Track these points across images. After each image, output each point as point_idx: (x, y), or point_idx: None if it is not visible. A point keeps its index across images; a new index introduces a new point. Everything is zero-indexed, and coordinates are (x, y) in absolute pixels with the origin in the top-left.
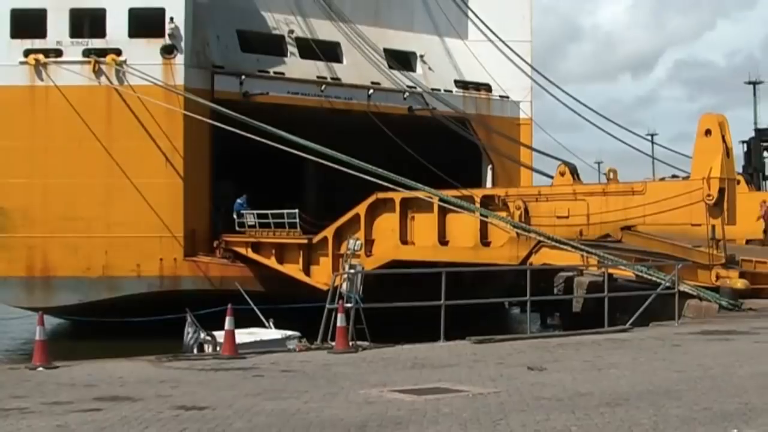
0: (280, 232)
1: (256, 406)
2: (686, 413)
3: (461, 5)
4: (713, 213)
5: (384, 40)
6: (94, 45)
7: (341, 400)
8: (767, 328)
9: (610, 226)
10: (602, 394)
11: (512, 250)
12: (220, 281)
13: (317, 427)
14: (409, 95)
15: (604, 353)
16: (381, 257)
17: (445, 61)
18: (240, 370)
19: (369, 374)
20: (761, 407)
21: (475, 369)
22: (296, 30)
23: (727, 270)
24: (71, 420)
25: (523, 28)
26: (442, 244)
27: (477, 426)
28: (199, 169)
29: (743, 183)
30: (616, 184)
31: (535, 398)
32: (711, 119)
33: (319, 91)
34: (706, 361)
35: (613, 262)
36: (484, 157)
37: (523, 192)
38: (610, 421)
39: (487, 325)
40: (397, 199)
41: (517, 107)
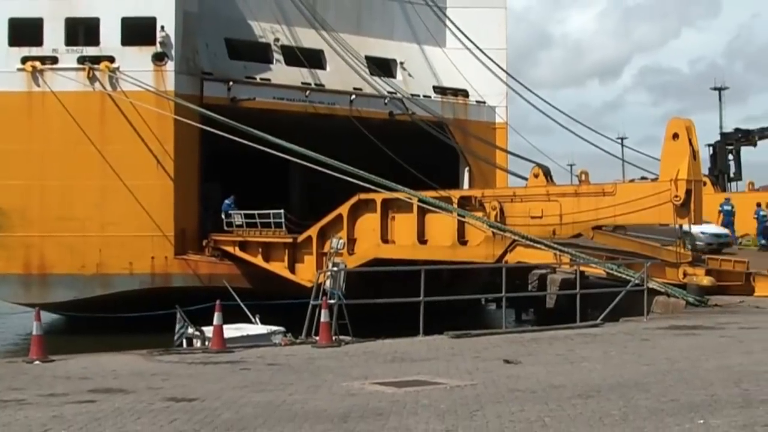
0: (266, 231)
1: (243, 397)
2: (654, 404)
3: (439, 14)
4: (680, 213)
5: (365, 48)
6: (89, 52)
7: (325, 392)
8: (732, 323)
9: (582, 226)
10: (574, 386)
11: (488, 249)
12: (208, 278)
13: (302, 418)
14: (389, 101)
15: (576, 347)
16: (363, 255)
17: (424, 67)
18: (228, 363)
19: (351, 367)
20: (726, 399)
21: (453, 362)
22: (281, 38)
23: (694, 268)
24: (66, 411)
25: (498, 36)
26: (422, 243)
27: (454, 417)
28: (189, 171)
29: (709, 185)
30: (587, 186)
31: (510, 390)
32: (678, 123)
33: (303, 97)
34: (674, 354)
35: (584, 260)
36: (461, 159)
37: (499, 193)
38: (582, 412)
39: (464, 320)
40: (379, 199)
41: (493, 112)
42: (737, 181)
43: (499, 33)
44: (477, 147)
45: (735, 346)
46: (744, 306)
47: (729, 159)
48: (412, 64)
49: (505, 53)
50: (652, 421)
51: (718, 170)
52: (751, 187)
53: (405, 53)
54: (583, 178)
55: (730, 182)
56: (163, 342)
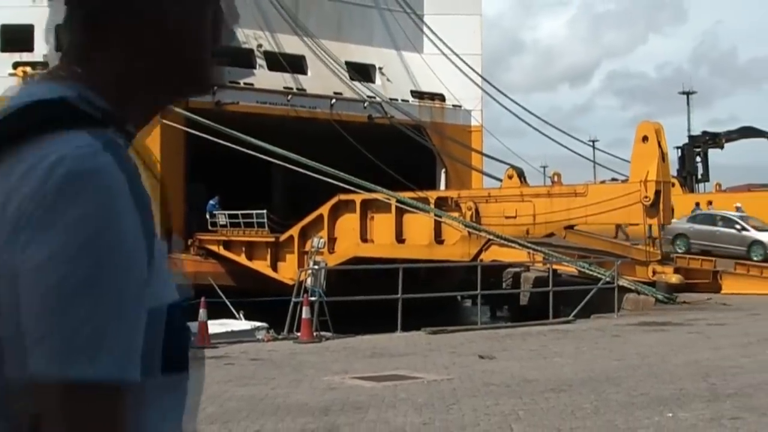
0: (250, 231)
1: (227, 391)
2: (625, 398)
3: (417, 21)
4: (650, 213)
5: (346, 54)
6: None
7: (306, 386)
8: (700, 319)
9: (554, 226)
10: (547, 380)
11: (464, 248)
12: (194, 276)
13: (284, 411)
14: (368, 104)
15: (549, 343)
16: (343, 254)
17: (402, 72)
18: (212, 358)
19: (332, 362)
20: (694, 393)
21: (430, 357)
22: (264, 44)
23: (663, 266)
24: None
25: (473, 42)
26: (399, 242)
27: (431, 410)
28: (175, 173)
29: (678, 186)
30: (560, 187)
31: (485, 384)
32: (648, 127)
33: (285, 101)
34: (643, 350)
35: (557, 259)
36: (438, 161)
37: (474, 194)
38: (554, 405)
39: (440, 317)
40: (358, 200)
41: (468, 115)
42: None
43: (475, 39)
44: (453, 149)
45: (703, 341)
46: (711, 303)
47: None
48: (391, 69)
49: (480, 59)
50: (623, 414)
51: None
52: (719, 188)
53: (384, 59)
54: (556, 180)
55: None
56: None
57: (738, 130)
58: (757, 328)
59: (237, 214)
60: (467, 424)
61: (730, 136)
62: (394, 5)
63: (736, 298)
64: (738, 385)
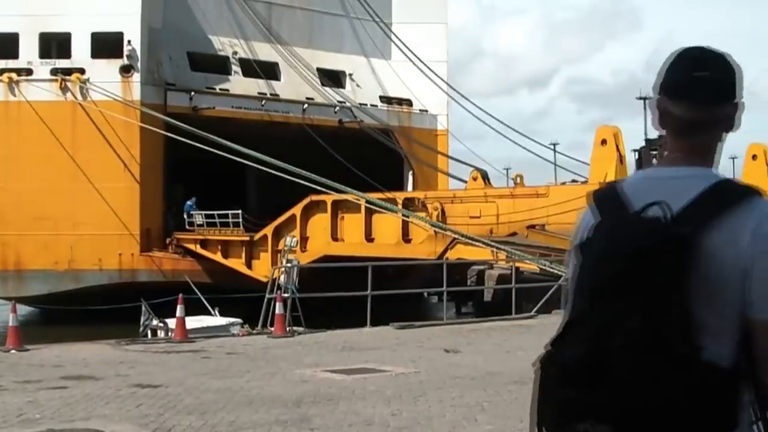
0: (225, 230)
1: (204, 384)
2: None
3: (385, 30)
4: None
5: (317, 61)
6: (61, 65)
7: (279, 379)
8: None
9: (517, 225)
10: (510, 373)
11: (430, 246)
12: (172, 274)
13: (258, 402)
14: (339, 109)
15: (512, 337)
16: (314, 252)
17: (371, 78)
18: (190, 352)
19: (304, 356)
20: None
21: (398, 351)
22: (239, 51)
23: None
24: (41, 396)
25: (439, 49)
26: (369, 241)
27: (399, 402)
28: (154, 175)
29: None
30: (522, 188)
31: (451, 377)
32: (607, 131)
33: (259, 106)
34: None
35: (519, 257)
36: (405, 163)
37: (440, 195)
38: (517, 397)
39: (408, 312)
40: (329, 201)
41: (434, 119)
42: None
43: (440, 47)
44: (420, 152)
45: None
46: None
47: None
48: (360, 76)
49: (445, 65)
50: None
51: None
52: None
53: (353, 65)
54: (518, 181)
55: None
56: (130, 332)
57: None
58: None
59: (213, 214)
60: (434, 415)
61: None
62: (363, 14)
63: None
64: None
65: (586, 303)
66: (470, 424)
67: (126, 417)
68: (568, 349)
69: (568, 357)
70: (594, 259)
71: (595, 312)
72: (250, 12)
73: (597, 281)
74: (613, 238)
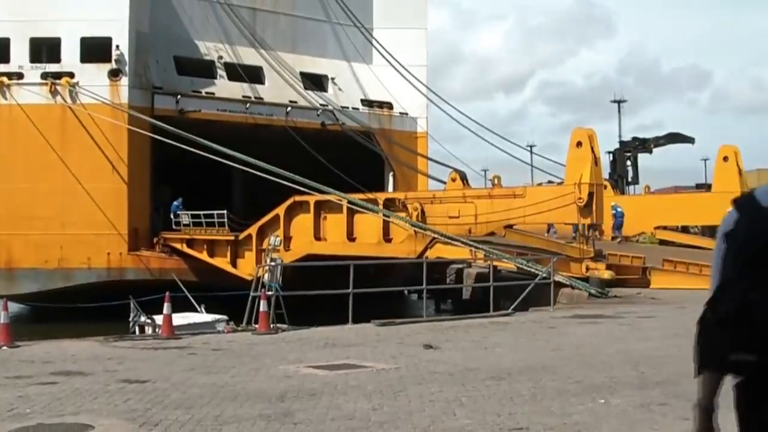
0: (211, 230)
1: (190, 379)
2: (560, 385)
3: (366, 35)
4: (584, 213)
5: (300, 65)
6: (51, 69)
7: (263, 375)
8: (630, 312)
9: (495, 225)
10: (488, 369)
11: (410, 246)
12: (159, 272)
13: (243, 397)
14: (321, 112)
15: (490, 334)
16: (298, 252)
17: (352, 82)
18: (176, 348)
19: (287, 352)
20: (624, 380)
21: (379, 348)
22: (224, 56)
23: (596, 262)
24: (31, 391)
25: (419, 54)
26: (351, 241)
27: (380, 397)
28: (141, 176)
29: (609, 188)
30: (500, 189)
31: (431, 373)
32: (582, 133)
33: (244, 109)
34: (578, 341)
35: (497, 256)
36: (386, 165)
37: (420, 195)
38: (495, 392)
39: (388, 310)
40: (312, 201)
41: (414, 122)
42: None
43: (420, 51)
44: (400, 154)
45: (633, 333)
46: (641, 297)
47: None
48: (342, 79)
49: (425, 69)
50: (558, 400)
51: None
52: (648, 190)
53: (336, 69)
54: (496, 182)
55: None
56: (118, 329)
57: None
58: (683, 320)
59: (199, 214)
60: (413, 410)
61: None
62: (345, 20)
63: (664, 293)
64: (666, 374)
65: (735, 271)
66: (449, 419)
67: (114, 412)
68: (721, 303)
69: (723, 308)
70: (740, 241)
71: (742, 277)
72: (235, 18)
73: (743, 257)
74: (752, 227)
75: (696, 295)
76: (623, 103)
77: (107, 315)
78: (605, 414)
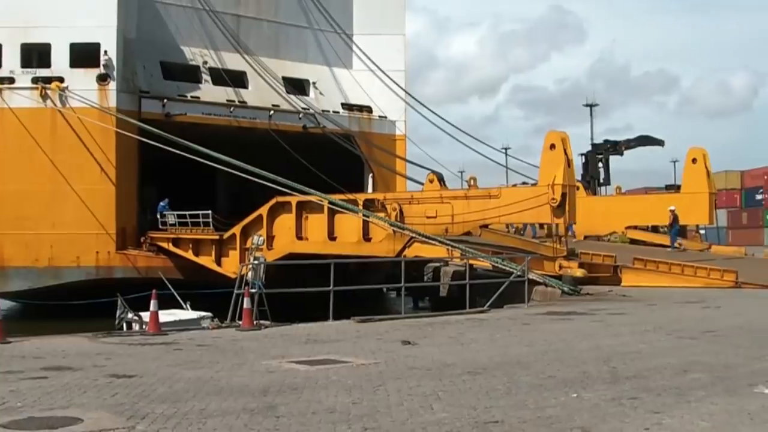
0: (196, 229)
1: (176, 374)
2: (534, 380)
3: (347, 41)
4: (557, 214)
5: (282, 70)
6: (41, 74)
7: (247, 370)
8: (602, 309)
9: (471, 225)
10: (464, 364)
11: (389, 245)
12: (146, 270)
13: (227, 392)
14: (303, 116)
15: (466, 330)
16: (280, 250)
17: (333, 87)
18: (162, 344)
19: (270, 348)
20: (597, 375)
21: (359, 344)
22: (209, 61)
23: (569, 261)
24: (22, 386)
25: (398, 59)
26: (331, 240)
27: (360, 391)
28: (129, 177)
29: (582, 189)
30: (475, 190)
31: (409, 368)
32: (555, 136)
33: (228, 112)
34: (551, 337)
35: (473, 255)
36: (366, 167)
37: (399, 196)
38: (471, 386)
39: (368, 307)
40: (294, 202)
41: (393, 125)
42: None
43: (399, 57)
44: (379, 156)
45: (604, 329)
46: (612, 294)
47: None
48: (323, 84)
49: (403, 74)
50: (532, 394)
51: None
52: (619, 191)
53: (317, 74)
54: (472, 183)
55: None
56: (106, 326)
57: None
58: (653, 317)
59: (185, 214)
60: (392, 403)
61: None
62: (326, 26)
63: (635, 290)
64: (636, 369)
65: None
66: (426, 412)
67: (102, 405)
68: None
69: None
70: None
71: None
72: (220, 24)
73: None
74: None
75: (665, 293)
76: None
77: (96, 312)
78: (578, 408)
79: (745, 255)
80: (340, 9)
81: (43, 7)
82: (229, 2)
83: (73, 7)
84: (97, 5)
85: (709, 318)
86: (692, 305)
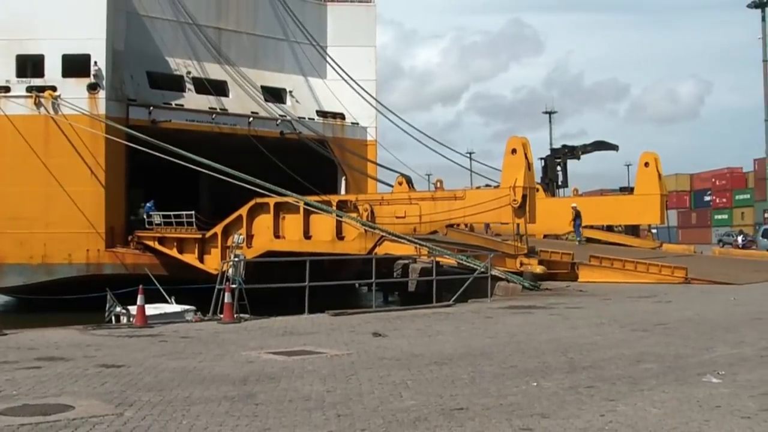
0: (180, 229)
1: (161, 364)
2: (497, 370)
3: (321, 52)
4: (518, 214)
5: (261, 79)
6: (35, 83)
7: (228, 360)
8: (560, 303)
9: (437, 225)
10: (431, 355)
11: (361, 243)
12: (133, 267)
13: (209, 380)
14: (280, 122)
15: (433, 323)
16: (259, 248)
17: (308, 95)
18: (149, 336)
19: (249, 340)
20: (555, 365)
21: (332, 336)
22: (192, 71)
23: (529, 258)
24: (18, 375)
25: (368, 69)
26: (307, 238)
27: (334, 380)
28: (117, 180)
29: (541, 191)
30: (442, 192)
31: (379, 358)
32: (516, 141)
33: (210, 119)
34: (512, 329)
35: (439, 252)
36: (339, 170)
37: (370, 198)
38: (437, 376)
39: (341, 301)
40: (272, 203)
41: (364, 131)
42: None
43: (369, 67)
44: (352, 160)
45: (562, 322)
46: (569, 290)
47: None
48: (299, 92)
49: (374, 83)
50: (495, 383)
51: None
52: (576, 193)
53: (293, 83)
54: (438, 186)
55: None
56: (96, 319)
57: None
58: (608, 310)
59: (170, 214)
60: (364, 392)
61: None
62: (301, 38)
63: (591, 286)
64: (592, 359)
65: None
66: (396, 400)
67: (93, 393)
68: None
69: None
70: None
71: None
72: (202, 36)
73: None
74: None
75: (619, 288)
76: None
77: (86, 306)
78: (537, 395)
79: (695, 253)
80: (315, 22)
81: (37, 20)
82: (211, 16)
83: (65, 21)
84: (88, 19)
85: (660, 312)
86: (645, 300)
